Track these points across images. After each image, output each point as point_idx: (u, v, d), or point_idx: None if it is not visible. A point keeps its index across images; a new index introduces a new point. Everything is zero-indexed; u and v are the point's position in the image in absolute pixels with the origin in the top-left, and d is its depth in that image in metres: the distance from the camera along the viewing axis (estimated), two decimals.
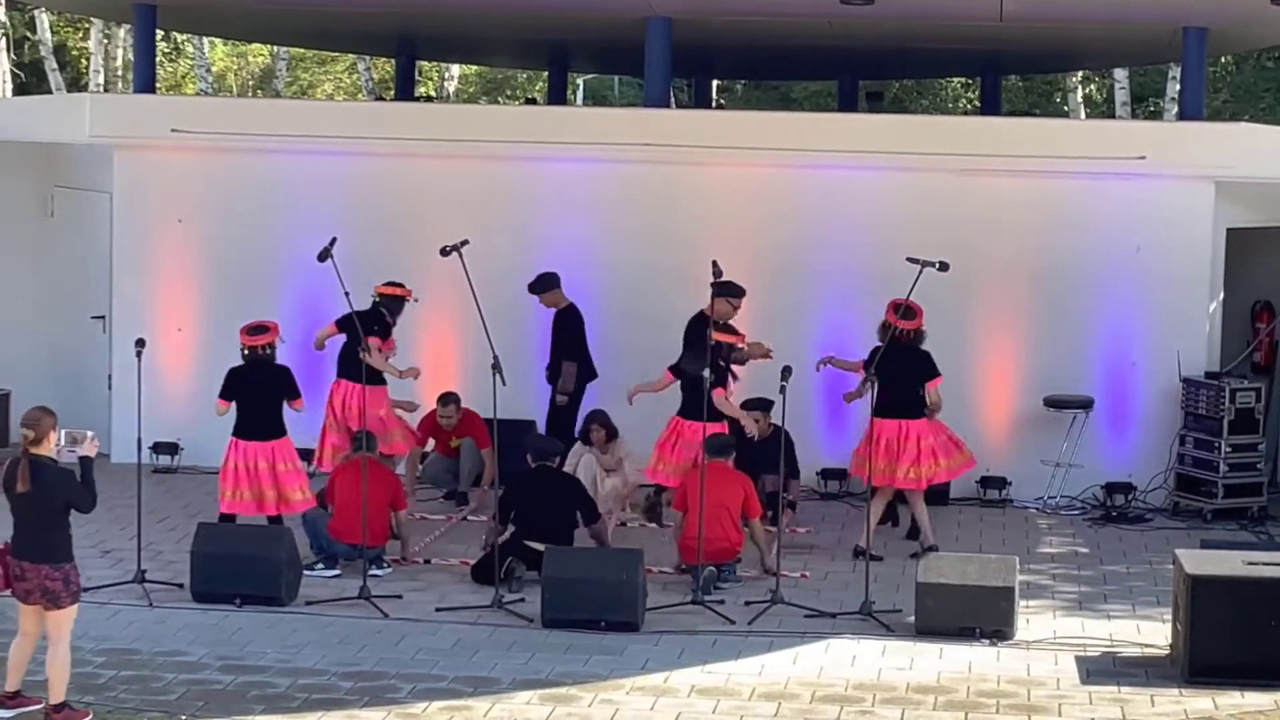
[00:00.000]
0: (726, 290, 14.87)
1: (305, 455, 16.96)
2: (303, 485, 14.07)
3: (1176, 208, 16.51)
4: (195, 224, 17.54)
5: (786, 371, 12.94)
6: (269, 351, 14.04)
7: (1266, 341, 17.69)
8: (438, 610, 12.70)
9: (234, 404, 14.00)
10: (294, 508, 14.01)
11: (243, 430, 13.97)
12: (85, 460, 10.29)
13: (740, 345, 14.56)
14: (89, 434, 10.39)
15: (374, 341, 14.67)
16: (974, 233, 16.60)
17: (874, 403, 13.43)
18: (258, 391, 13.98)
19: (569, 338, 16.17)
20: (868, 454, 13.81)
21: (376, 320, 14.98)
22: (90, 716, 10.25)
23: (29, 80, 36.41)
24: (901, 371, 14.04)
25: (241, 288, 17.01)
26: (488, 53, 29.10)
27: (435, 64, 36.81)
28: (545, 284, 16.10)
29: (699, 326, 14.97)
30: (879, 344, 14.22)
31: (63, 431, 10.32)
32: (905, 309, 14.09)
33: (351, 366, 14.74)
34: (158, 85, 19.72)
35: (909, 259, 13.51)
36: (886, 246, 15.91)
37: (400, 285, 15.35)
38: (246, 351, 14.06)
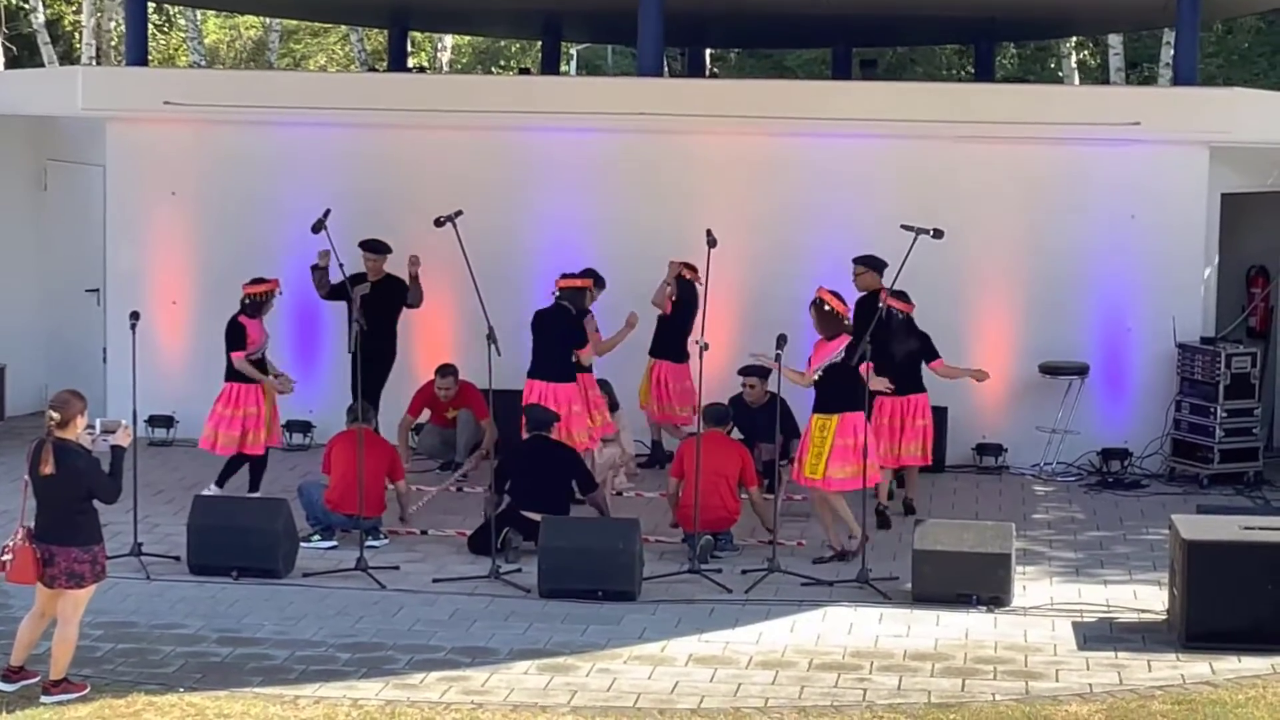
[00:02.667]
0: (870, 264, 14.84)
1: (301, 427, 17.04)
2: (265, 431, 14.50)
3: (1171, 173, 16.48)
4: (189, 196, 17.49)
5: (781, 340, 12.91)
6: (247, 302, 14.49)
7: (1262, 306, 17.68)
8: (435, 581, 12.71)
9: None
10: (257, 448, 14.47)
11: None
12: (117, 449, 10.22)
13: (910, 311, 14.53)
14: (123, 423, 10.35)
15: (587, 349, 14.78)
16: (968, 200, 16.58)
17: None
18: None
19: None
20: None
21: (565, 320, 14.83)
22: (88, 689, 10.25)
23: (21, 54, 36.29)
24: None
25: (236, 260, 16.93)
26: (480, 23, 29.05)
27: (428, 35, 36.74)
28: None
29: (868, 307, 14.65)
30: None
31: (97, 421, 10.27)
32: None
33: (546, 366, 14.59)
34: (150, 58, 19.66)
35: (903, 226, 13.49)
36: (881, 214, 15.88)
37: (577, 276, 15.02)
38: None
